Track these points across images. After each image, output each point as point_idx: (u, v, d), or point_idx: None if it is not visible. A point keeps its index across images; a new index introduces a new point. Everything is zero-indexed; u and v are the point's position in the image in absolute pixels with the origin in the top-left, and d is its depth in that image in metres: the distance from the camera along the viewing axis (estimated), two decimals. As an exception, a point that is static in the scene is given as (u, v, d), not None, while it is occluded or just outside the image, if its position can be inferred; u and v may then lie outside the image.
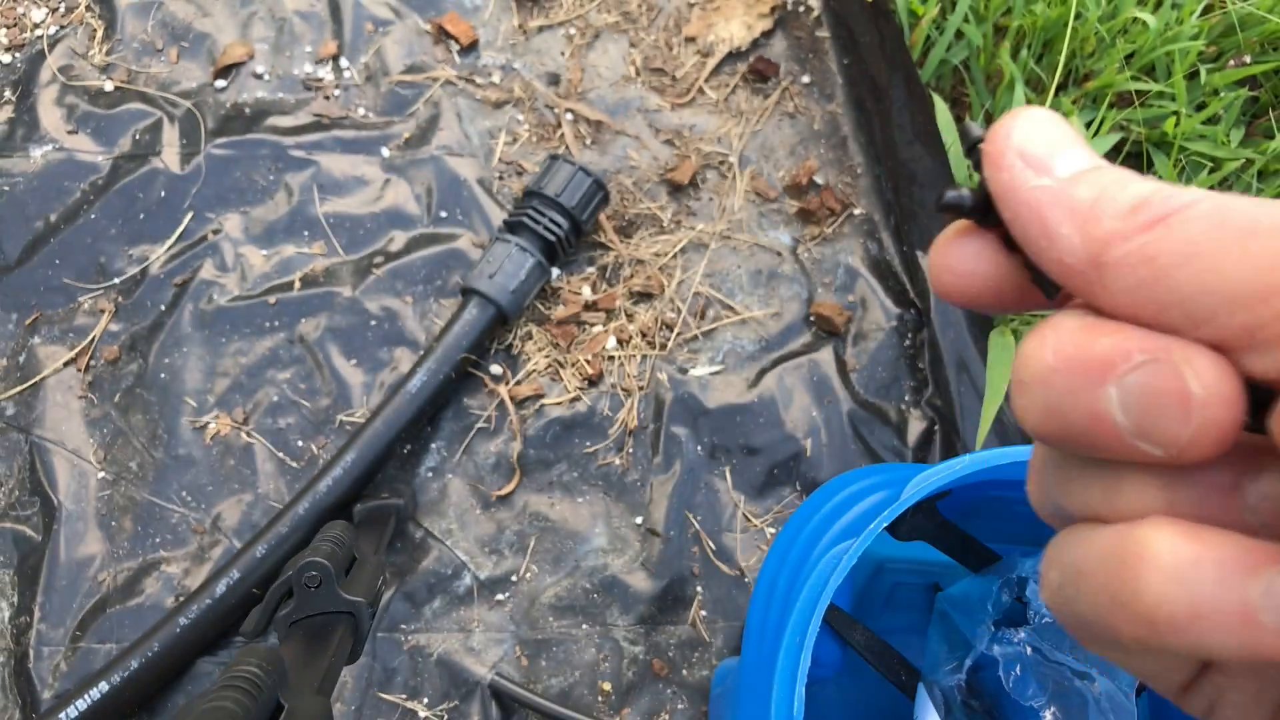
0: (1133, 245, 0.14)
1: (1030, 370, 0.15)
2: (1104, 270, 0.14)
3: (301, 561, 0.46)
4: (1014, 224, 0.15)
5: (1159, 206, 0.14)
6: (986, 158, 0.16)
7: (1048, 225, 0.15)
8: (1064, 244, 0.15)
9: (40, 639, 0.59)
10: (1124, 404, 0.14)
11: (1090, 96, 0.78)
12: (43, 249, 0.69)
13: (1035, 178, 0.15)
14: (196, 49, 0.76)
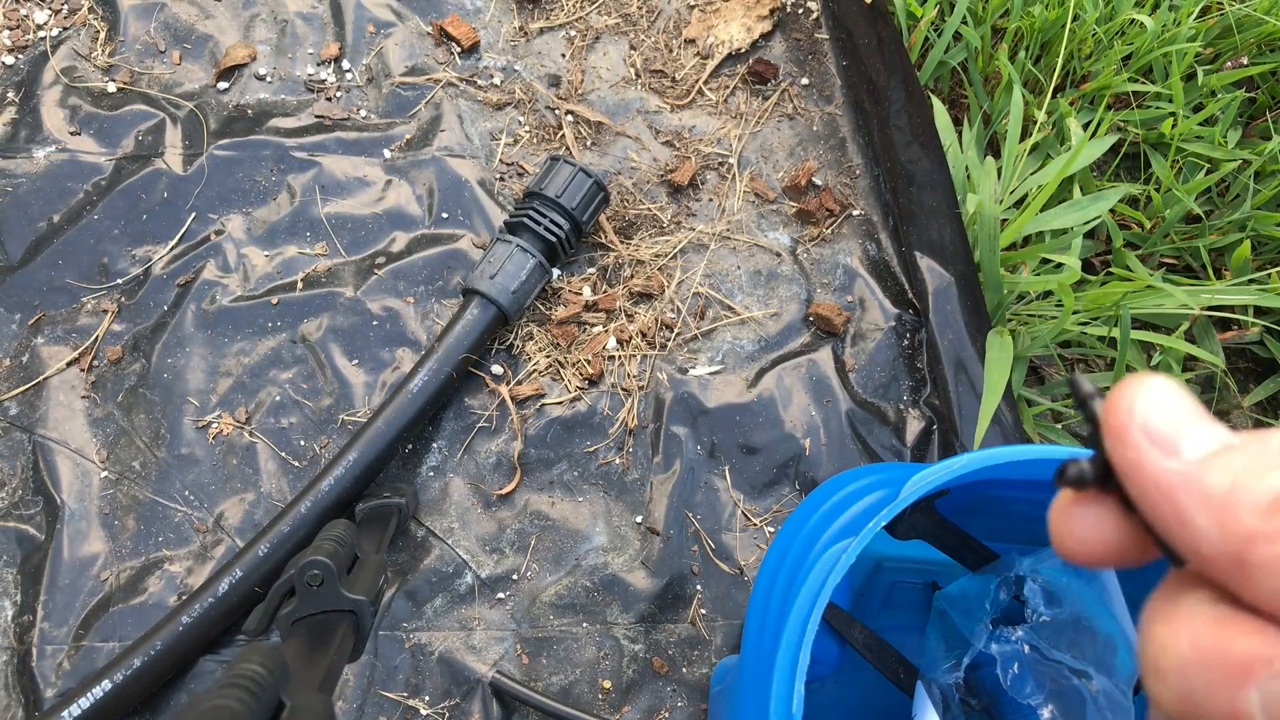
0: (1273, 550, 0.14)
1: (1167, 660, 0.15)
2: (1246, 569, 0.14)
3: (304, 560, 0.46)
4: (1142, 504, 0.15)
5: None
6: (1108, 431, 0.16)
7: (1181, 512, 0.15)
8: (1200, 534, 0.15)
9: (43, 637, 0.59)
10: (1266, 708, 0.14)
11: (1088, 98, 0.79)
12: (46, 249, 0.69)
13: (1163, 459, 0.15)
14: (199, 51, 0.76)
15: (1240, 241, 0.71)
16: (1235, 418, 0.73)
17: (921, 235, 0.70)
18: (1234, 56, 0.80)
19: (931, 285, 0.69)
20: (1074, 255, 0.66)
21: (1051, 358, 0.71)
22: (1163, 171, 0.74)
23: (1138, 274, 0.69)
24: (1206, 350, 0.69)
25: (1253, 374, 0.74)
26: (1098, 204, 0.68)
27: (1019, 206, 0.72)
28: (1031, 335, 0.67)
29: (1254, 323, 0.71)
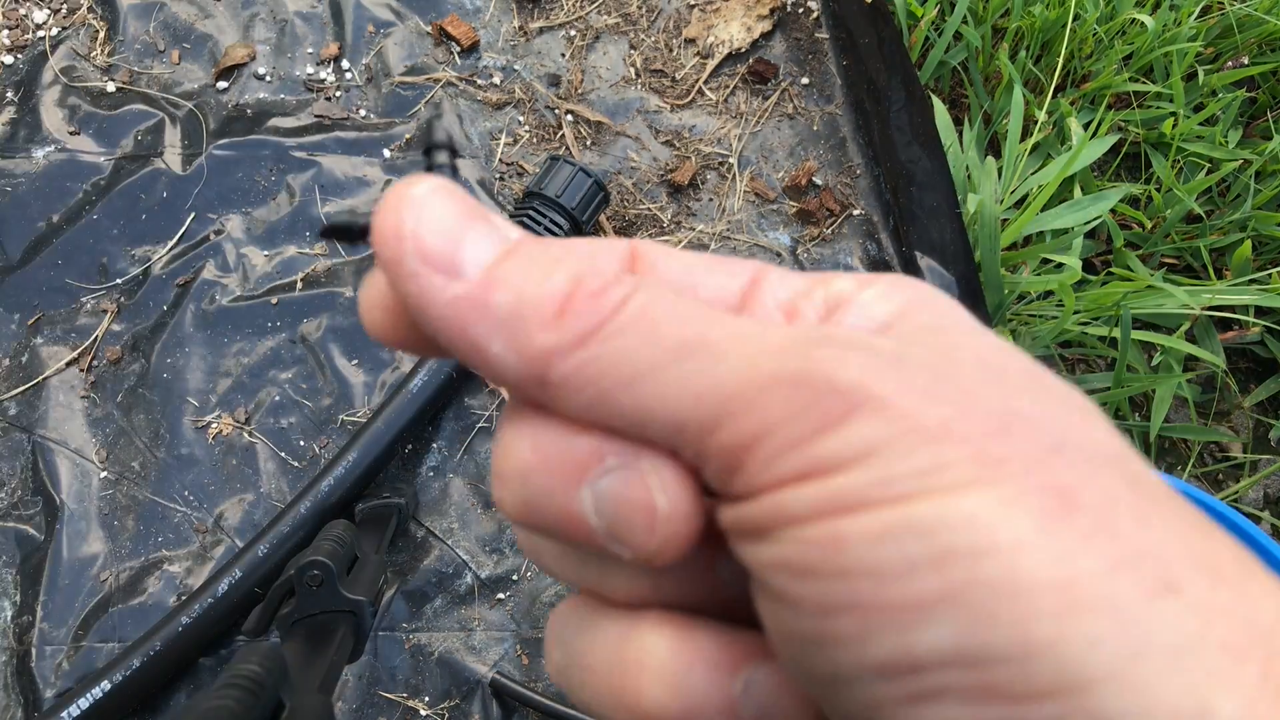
0: (570, 365, 0.13)
1: (508, 464, 0.14)
2: (550, 390, 0.13)
3: (303, 561, 0.46)
4: (440, 340, 0.14)
5: (587, 312, 0.13)
6: (382, 262, 0.14)
7: (477, 345, 0.13)
8: (500, 362, 0.13)
9: (42, 638, 0.59)
10: (597, 508, 0.14)
11: (1088, 97, 0.79)
12: (45, 249, 0.69)
13: (446, 284, 0.13)
14: (198, 50, 0.76)
15: (1241, 241, 0.71)
16: (1236, 418, 0.73)
17: (922, 235, 0.70)
18: (1235, 56, 0.80)
19: (932, 285, 0.68)
20: (1075, 255, 0.65)
21: (1053, 358, 0.71)
22: (1163, 171, 0.74)
23: (1138, 274, 0.69)
24: (1207, 350, 0.69)
25: (1253, 374, 0.74)
26: (1099, 204, 0.68)
27: (1019, 206, 0.72)
28: (1032, 335, 0.67)
29: (1255, 323, 0.71)
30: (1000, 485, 0.12)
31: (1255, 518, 0.69)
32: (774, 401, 0.13)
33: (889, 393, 0.12)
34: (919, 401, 0.12)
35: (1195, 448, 0.70)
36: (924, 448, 0.12)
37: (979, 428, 0.12)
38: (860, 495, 0.12)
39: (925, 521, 0.12)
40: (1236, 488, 0.68)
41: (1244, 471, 0.70)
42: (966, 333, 0.15)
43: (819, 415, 0.13)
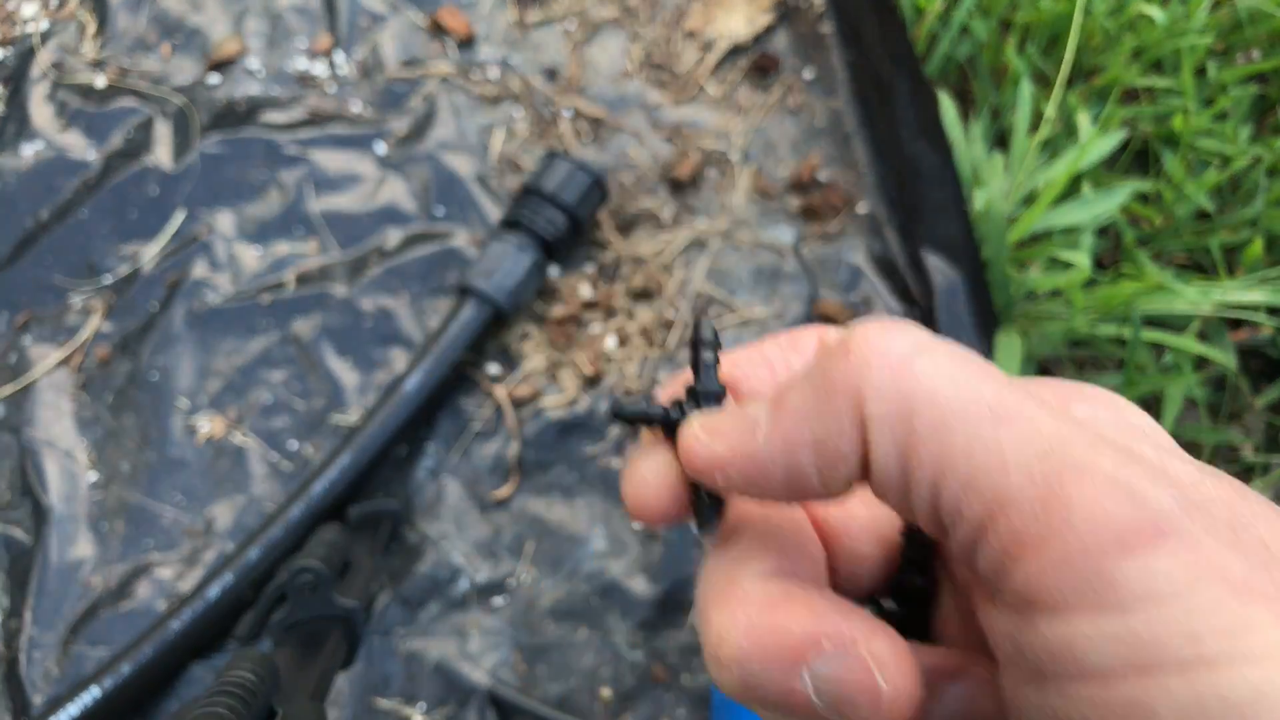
0: None
1: (725, 652, 0.15)
2: None
3: (296, 565, 0.45)
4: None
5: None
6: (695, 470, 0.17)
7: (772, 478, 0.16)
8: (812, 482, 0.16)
9: (31, 643, 0.58)
10: (819, 690, 0.15)
11: (1097, 92, 0.77)
12: (34, 247, 0.68)
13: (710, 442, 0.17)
14: (189, 44, 0.75)
15: (1252, 239, 0.70)
16: (1247, 419, 0.71)
17: (928, 232, 0.69)
18: (1245, 51, 0.78)
19: (938, 283, 0.67)
20: (1084, 253, 0.64)
21: (1061, 358, 0.70)
22: (1174, 167, 0.73)
23: (1148, 272, 0.68)
24: (1218, 350, 0.67)
25: (1265, 374, 0.73)
26: (1108, 200, 0.66)
27: (1027, 203, 0.71)
28: (1041, 335, 0.66)
29: (1267, 322, 0.70)
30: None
31: (1266, 520, 0.68)
32: (1085, 495, 0.12)
33: (1197, 531, 0.12)
34: (1223, 549, 0.12)
35: (1207, 449, 0.69)
36: (1230, 602, 0.12)
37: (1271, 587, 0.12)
38: (1165, 651, 0.12)
39: (1239, 695, 0.11)
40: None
41: (1255, 473, 0.69)
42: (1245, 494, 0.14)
43: (1125, 532, 0.12)
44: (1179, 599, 0.12)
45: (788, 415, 0.15)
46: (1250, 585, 0.12)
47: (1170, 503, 0.12)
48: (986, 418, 0.14)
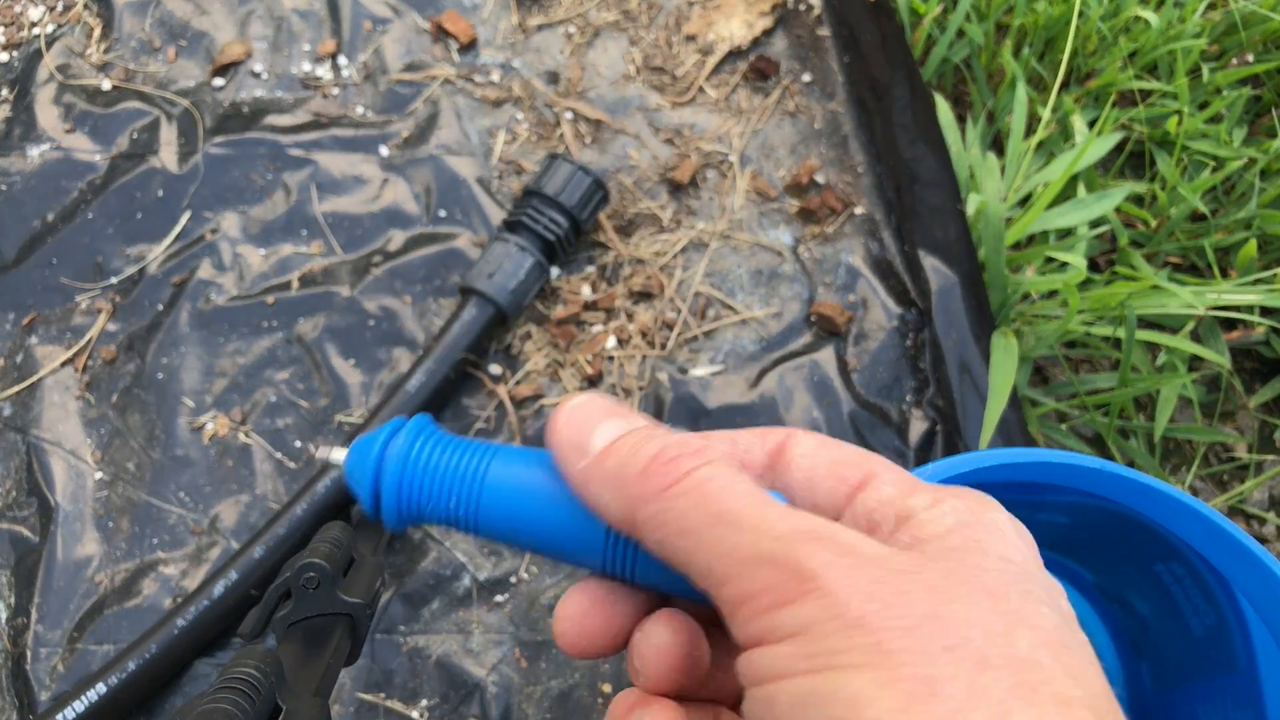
0: (648, 512, 0.18)
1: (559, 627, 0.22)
2: (638, 528, 0.19)
3: (300, 563, 0.45)
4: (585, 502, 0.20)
5: (660, 474, 0.18)
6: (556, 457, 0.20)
7: (593, 495, 0.19)
8: (607, 507, 0.19)
9: (38, 640, 0.58)
10: None
11: (1092, 95, 0.78)
12: (40, 248, 0.68)
13: (578, 460, 0.20)
14: (194, 48, 0.76)
15: (1246, 240, 0.71)
16: (1241, 418, 0.72)
17: (925, 234, 0.69)
18: (1239, 53, 0.79)
19: (935, 284, 0.68)
20: (1079, 254, 0.65)
21: (1056, 358, 0.71)
22: (1168, 170, 0.74)
23: (1143, 273, 0.68)
24: (1212, 350, 0.68)
25: (1259, 374, 0.73)
26: (1103, 202, 0.67)
27: (1023, 205, 0.72)
28: (1036, 336, 0.66)
29: (1260, 322, 0.71)
30: (883, 670, 0.15)
31: (1260, 519, 0.69)
32: (759, 574, 0.17)
33: (835, 585, 0.16)
34: (855, 596, 0.16)
35: (1200, 449, 0.70)
36: (841, 632, 0.15)
37: (894, 623, 0.15)
38: (790, 665, 0.16)
39: (823, 693, 0.15)
40: (1241, 489, 0.68)
41: (1249, 473, 0.70)
42: (991, 552, 0.17)
43: (782, 592, 0.16)
44: (806, 633, 0.16)
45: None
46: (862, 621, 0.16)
47: (819, 565, 0.16)
48: None
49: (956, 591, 0.16)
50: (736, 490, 0.18)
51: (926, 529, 0.18)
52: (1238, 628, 0.43)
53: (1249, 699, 0.43)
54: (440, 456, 0.21)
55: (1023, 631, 0.16)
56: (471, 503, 0.21)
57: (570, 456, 0.20)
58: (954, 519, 0.18)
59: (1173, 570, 0.46)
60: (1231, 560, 0.40)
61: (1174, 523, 0.41)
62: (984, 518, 0.18)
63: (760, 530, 0.17)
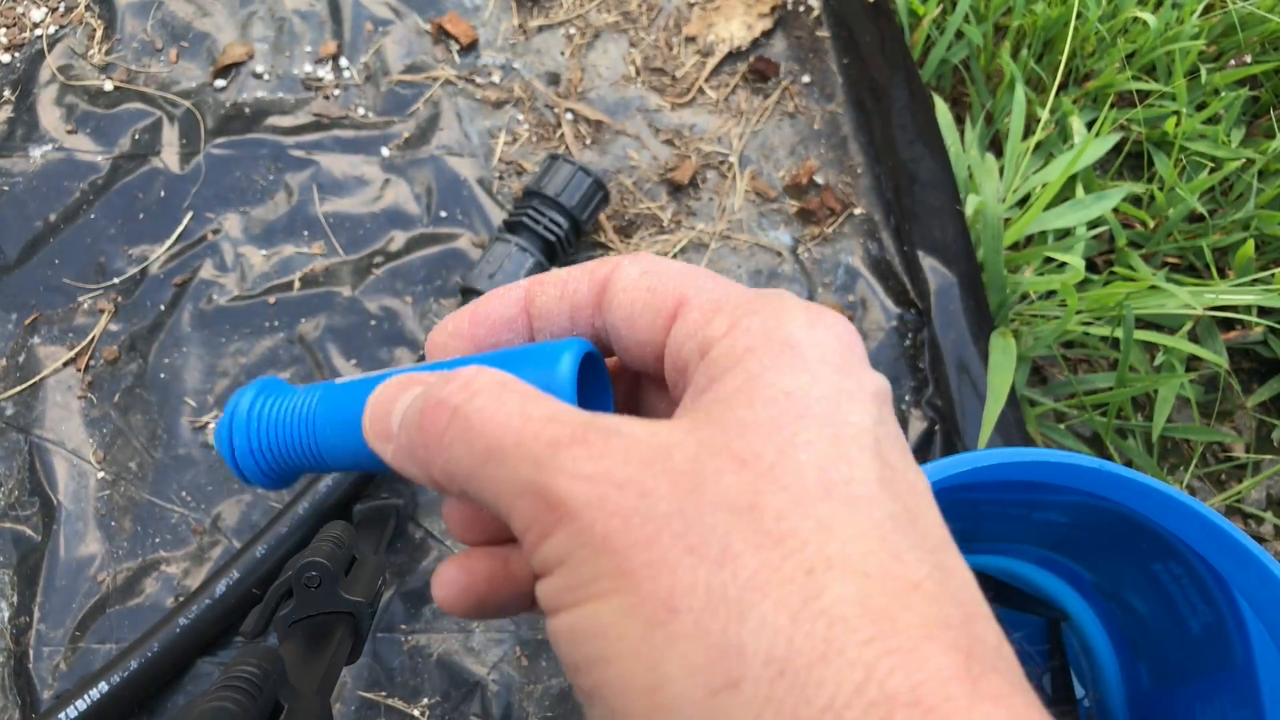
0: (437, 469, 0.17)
1: None
2: (439, 488, 0.18)
3: (301, 562, 0.46)
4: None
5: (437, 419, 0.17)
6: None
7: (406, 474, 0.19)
8: (416, 480, 0.18)
9: (40, 639, 0.58)
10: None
11: (1091, 96, 0.78)
12: (42, 249, 0.69)
13: (386, 449, 0.19)
14: (196, 49, 0.76)
15: (1244, 241, 0.71)
16: (1239, 418, 0.72)
17: (924, 234, 0.70)
18: (1237, 55, 0.79)
19: (934, 285, 0.68)
20: (1078, 255, 0.65)
21: (1055, 358, 0.71)
22: (1166, 170, 0.74)
23: (1141, 274, 0.68)
24: (1210, 350, 0.68)
25: (1256, 374, 0.74)
26: (1101, 203, 0.67)
27: (1022, 206, 0.72)
28: (1035, 336, 0.67)
29: (1257, 322, 0.71)
30: (627, 595, 0.14)
31: (1258, 518, 0.69)
32: (524, 507, 0.16)
33: (580, 505, 0.15)
34: (598, 514, 0.14)
35: (1198, 448, 0.70)
36: (591, 559, 0.14)
37: (635, 534, 0.14)
38: (558, 599, 0.15)
39: (580, 626, 0.15)
40: (1239, 488, 0.68)
41: (1247, 472, 0.70)
42: (766, 391, 0.16)
43: (541, 524, 0.15)
44: (564, 564, 0.15)
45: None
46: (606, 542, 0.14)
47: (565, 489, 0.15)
48: None
49: (705, 470, 0.14)
50: (500, 415, 0.16)
51: (718, 365, 0.16)
52: (1235, 627, 0.43)
53: (1247, 697, 0.43)
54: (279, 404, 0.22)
55: (770, 497, 0.14)
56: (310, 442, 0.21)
57: (380, 449, 0.19)
58: (745, 343, 0.16)
59: (1171, 569, 0.46)
60: (1229, 560, 0.40)
61: (1172, 522, 0.41)
62: (776, 333, 0.16)
63: (520, 454, 0.15)
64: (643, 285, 0.19)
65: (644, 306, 0.18)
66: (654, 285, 0.18)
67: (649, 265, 0.19)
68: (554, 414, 0.16)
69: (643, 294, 0.18)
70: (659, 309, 0.18)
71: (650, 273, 0.19)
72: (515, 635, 0.60)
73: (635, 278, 0.19)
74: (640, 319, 0.18)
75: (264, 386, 0.23)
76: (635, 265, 0.19)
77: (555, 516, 0.15)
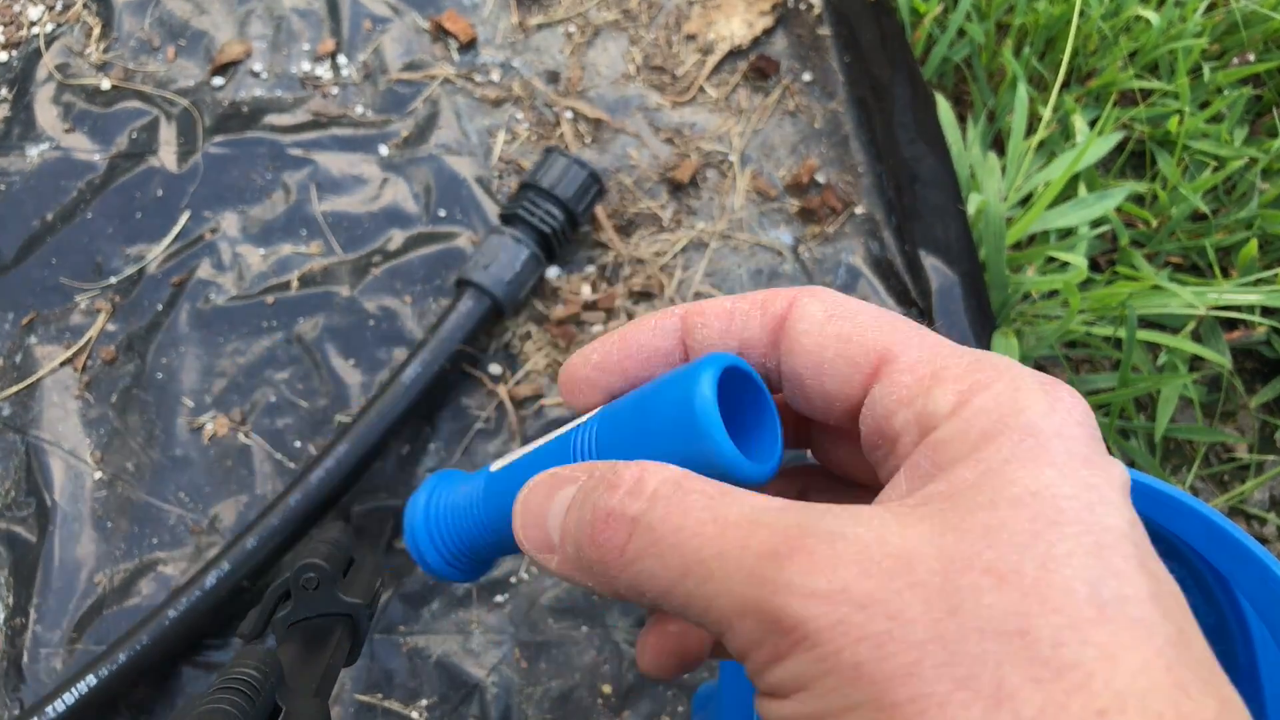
0: (623, 585, 0.16)
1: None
2: (628, 599, 0.17)
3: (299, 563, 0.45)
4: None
5: (613, 536, 0.16)
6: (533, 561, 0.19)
7: (583, 585, 0.18)
8: (597, 590, 0.17)
9: (36, 640, 0.58)
10: None
11: (1093, 94, 0.78)
12: (39, 248, 0.68)
13: (550, 561, 0.18)
14: (194, 47, 0.76)
15: (1247, 240, 0.71)
16: (1242, 418, 0.72)
17: (925, 233, 0.69)
18: (1240, 53, 0.79)
19: (936, 284, 0.68)
20: (1080, 254, 0.65)
21: (1057, 358, 0.71)
22: (1169, 169, 0.74)
23: (1144, 273, 0.68)
24: (1213, 350, 0.68)
25: (1259, 374, 0.73)
26: (1104, 202, 0.67)
27: (1024, 205, 0.72)
28: (1037, 336, 0.66)
29: (1261, 322, 0.70)
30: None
31: (1261, 520, 0.69)
32: (744, 629, 0.14)
33: (819, 628, 0.13)
34: (843, 639, 0.13)
35: (1201, 449, 0.70)
36: (840, 689, 0.13)
37: (891, 664, 0.13)
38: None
39: None
40: (1242, 489, 0.67)
41: (1250, 473, 0.69)
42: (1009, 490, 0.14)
43: (770, 648, 0.14)
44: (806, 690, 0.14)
45: None
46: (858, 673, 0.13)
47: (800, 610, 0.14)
48: None
49: (959, 586, 0.13)
50: (690, 524, 0.15)
51: (946, 452, 0.14)
52: (1238, 628, 0.43)
53: (1249, 699, 0.43)
54: (449, 499, 0.22)
55: (1041, 620, 0.12)
56: (490, 537, 0.21)
57: (543, 560, 0.18)
58: (979, 427, 0.14)
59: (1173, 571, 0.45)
60: (1232, 561, 0.40)
61: (1174, 523, 0.41)
62: (1014, 418, 0.14)
63: (728, 570, 0.14)
64: (832, 332, 0.17)
65: (835, 355, 0.17)
66: (846, 334, 0.17)
67: (835, 307, 0.17)
68: (755, 516, 0.14)
69: (833, 341, 0.17)
70: (856, 362, 0.16)
71: (839, 317, 0.17)
72: (514, 637, 0.60)
73: (821, 320, 0.17)
74: (830, 370, 0.17)
75: (436, 483, 0.22)
76: (818, 304, 0.17)
77: (791, 640, 0.14)
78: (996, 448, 0.14)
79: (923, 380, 0.16)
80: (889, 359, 0.16)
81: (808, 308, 0.17)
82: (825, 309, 0.17)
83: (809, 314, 0.17)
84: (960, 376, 0.15)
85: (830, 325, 0.17)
